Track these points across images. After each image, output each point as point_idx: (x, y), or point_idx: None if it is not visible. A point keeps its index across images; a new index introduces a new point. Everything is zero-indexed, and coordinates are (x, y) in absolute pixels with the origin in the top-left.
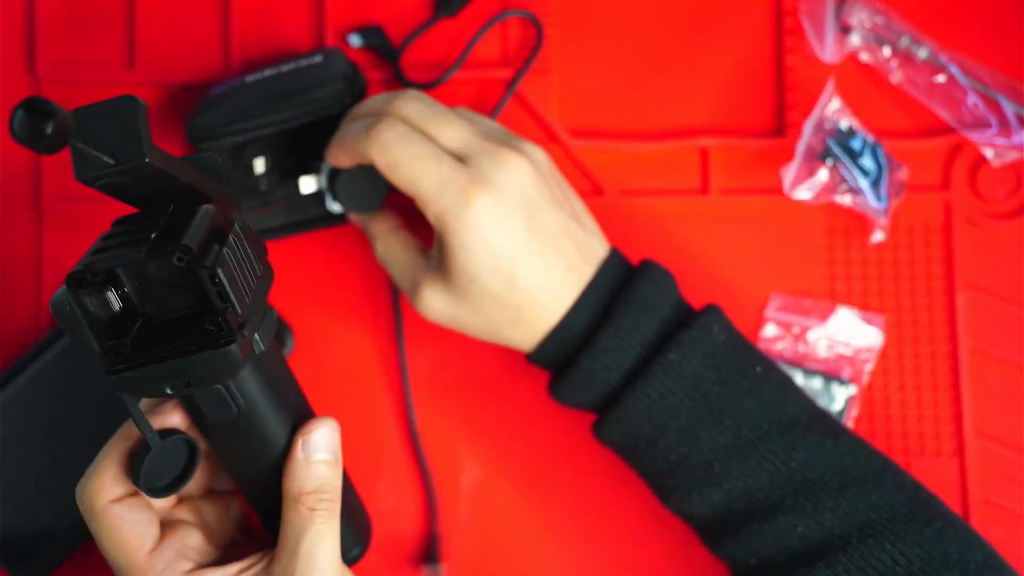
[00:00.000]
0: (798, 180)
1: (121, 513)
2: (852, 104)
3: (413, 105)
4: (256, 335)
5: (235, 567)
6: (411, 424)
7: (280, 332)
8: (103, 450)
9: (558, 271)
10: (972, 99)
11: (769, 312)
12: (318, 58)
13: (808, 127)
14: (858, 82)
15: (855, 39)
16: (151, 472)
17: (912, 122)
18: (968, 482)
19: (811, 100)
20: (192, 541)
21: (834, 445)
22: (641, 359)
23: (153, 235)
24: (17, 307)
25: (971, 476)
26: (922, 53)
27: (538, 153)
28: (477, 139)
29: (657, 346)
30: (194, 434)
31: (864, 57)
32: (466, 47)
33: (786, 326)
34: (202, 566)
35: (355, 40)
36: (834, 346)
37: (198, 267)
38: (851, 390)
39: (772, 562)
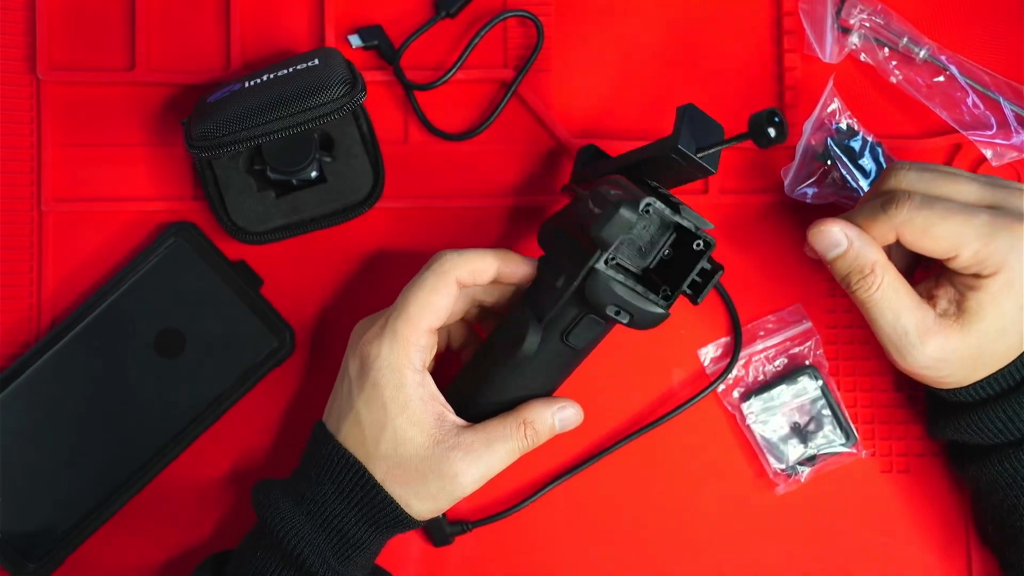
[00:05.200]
0: (798, 180)
1: (449, 285)
2: (852, 104)
3: (911, 175)
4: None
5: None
6: None
7: None
8: (484, 250)
9: None
10: (972, 99)
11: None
12: (315, 60)
13: (808, 127)
14: (858, 82)
15: (855, 39)
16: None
17: (912, 122)
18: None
19: (811, 100)
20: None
21: None
22: None
23: (685, 222)
24: (17, 307)
25: None
26: (922, 53)
27: None
28: (991, 187)
29: None
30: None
31: (864, 57)
32: (466, 47)
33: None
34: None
35: (355, 40)
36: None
37: (708, 263)
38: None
39: None
